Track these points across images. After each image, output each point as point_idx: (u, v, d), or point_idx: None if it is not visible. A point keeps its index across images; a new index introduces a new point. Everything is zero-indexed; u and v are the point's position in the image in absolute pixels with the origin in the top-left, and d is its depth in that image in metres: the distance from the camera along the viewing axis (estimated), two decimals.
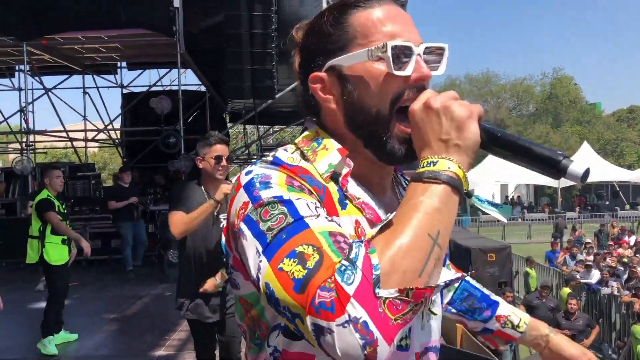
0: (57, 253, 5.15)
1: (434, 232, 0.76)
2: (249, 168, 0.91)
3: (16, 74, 13.77)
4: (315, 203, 0.84)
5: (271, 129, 16.05)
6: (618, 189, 36.98)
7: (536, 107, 46.73)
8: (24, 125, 10.17)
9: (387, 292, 0.70)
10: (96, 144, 16.04)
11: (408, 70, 0.89)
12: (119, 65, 14.25)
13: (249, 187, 0.85)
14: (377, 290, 0.70)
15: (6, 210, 10.36)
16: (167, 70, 13.31)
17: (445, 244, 0.78)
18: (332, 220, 0.82)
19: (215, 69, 10.74)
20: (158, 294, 7.55)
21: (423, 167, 0.82)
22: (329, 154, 0.93)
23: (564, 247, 16.45)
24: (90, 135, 14.61)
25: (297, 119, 12.48)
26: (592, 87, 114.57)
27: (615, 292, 11.21)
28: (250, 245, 0.80)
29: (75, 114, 14.58)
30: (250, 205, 0.83)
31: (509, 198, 37.05)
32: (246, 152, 13.89)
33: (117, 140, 15.02)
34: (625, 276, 12.26)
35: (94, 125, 14.72)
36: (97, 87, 14.18)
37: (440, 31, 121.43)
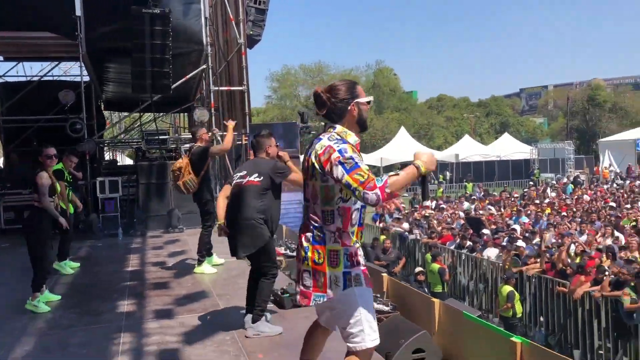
0: None
1: (405, 181, 2.60)
2: (335, 144, 2.65)
3: None
4: (359, 156, 2.67)
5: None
6: None
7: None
8: None
9: (388, 190, 2.53)
10: None
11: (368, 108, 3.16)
12: None
13: (341, 151, 2.60)
14: (386, 190, 2.55)
15: None
16: (56, 62, 14.68)
17: (405, 185, 2.63)
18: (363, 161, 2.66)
19: (100, 65, 12.73)
20: (90, 246, 9.75)
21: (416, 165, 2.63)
22: (353, 135, 2.76)
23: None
24: None
25: (173, 108, 14.83)
26: (410, 77, 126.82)
27: (418, 237, 15.40)
28: (340, 169, 2.59)
29: None
30: (340, 157, 2.59)
31: None
32: (134, 135, 15.93)
33: None
34: (426, 226, 16.58)
35: None
36: None
37: (277, 25, 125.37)
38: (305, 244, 2.80)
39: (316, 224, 2.77)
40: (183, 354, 4.38)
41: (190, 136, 8.98)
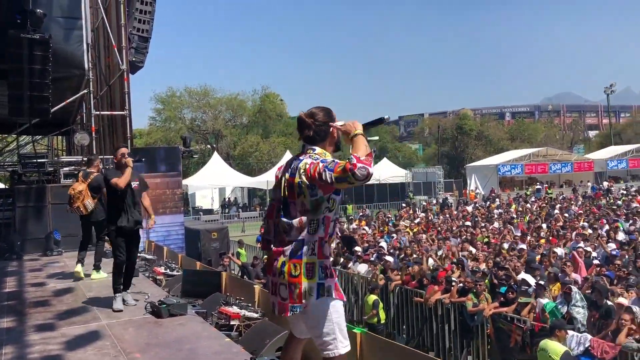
0: None
1: (364, 146, 2.79)
2: (317, 160, 2.88)
3: None
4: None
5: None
6: None
7: (249, 119, 52.74)
8: None
9: (362, 158, 2.68)
10: None
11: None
12: None
13: (324, 161, 2.84)
14: (362, 159, 2.67)
15: None
16: None
17: (367, 146, 2.82)
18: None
19: None
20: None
21: (355, 134, 2.86)
22: (330, 155, 2.97)
23: None
24: None
25: (51, 131, 14.72)
26: (296, 103, 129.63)
27: None
28: (328, 172, 2.76)
29: None
30: (324, 164, 2.80)
31: (226, 199, 42.06)
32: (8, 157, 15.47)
33: None
34: None
35: None
36: None
37: (164, 48, 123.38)
38: (282, 259, 2.93)
39: (298, 238, 2.91)
40: (64, 357, 4.82)
41: (84, 160, 9.72)
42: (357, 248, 15.20)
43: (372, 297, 11.33)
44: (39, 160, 12.21)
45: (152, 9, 14.01)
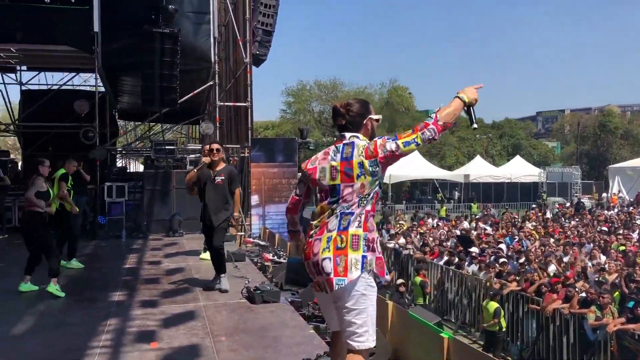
0: None
1: (453, 111, 2.90)
2: (367, 145, 2.93)
3: None
4: None
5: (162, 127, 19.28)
6: (438, 186, 43.94)
7: (375, 113, 52.60)
8: None
9: (440, 122, 2.83)
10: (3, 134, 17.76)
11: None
12: (19, 68, 16.47)
13: (380, 137, 2.94)
14: (439, 123, 2.84)
15: None
16: (73, 74, 15.69)
17: (456, 117, 2.90)
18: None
19: (115, 78, 13.66)
20: (94, 245, 10.55)
21: (458, 96, 2.94)
22: (367, 139, 3.02)
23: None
24: None
25: (183, 120, 15.72)
26: (425, 97, 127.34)
27: (411, 253, 15.99)
28: (391, 141, 2.86)
29: None
30: (383, 138, 2.90)
31: None
32: (139, 144, 16.93)
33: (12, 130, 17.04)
34: (421, 243, 17.16)
35: None
36: (5, 84, 16.31)
37: (295, 39, 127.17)
38: (327, 234, 2.93)
39: (345, 211, 2.94)
40: (157, 334, 5.09)
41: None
42: (473, 248, 14.56)
43: (494, 305, 10.68)
44: (168, 147, 13.06)
45: (276, 3, 14.41)
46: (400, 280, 12.20)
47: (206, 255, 8.56)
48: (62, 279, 7.36)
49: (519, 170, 42.04)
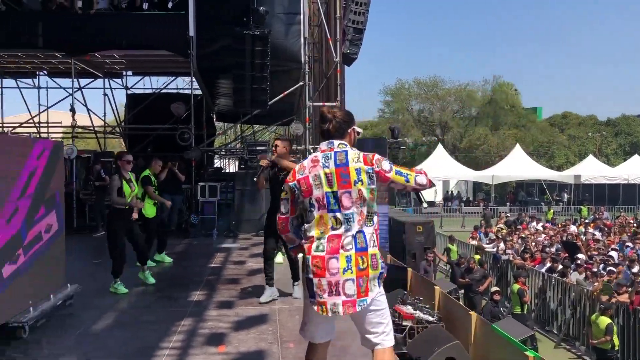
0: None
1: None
2: (364, 154, 3.00)
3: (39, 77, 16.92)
4: None
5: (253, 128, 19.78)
6: (546, 187, 41.57)
7: (478, 110, 50.75)
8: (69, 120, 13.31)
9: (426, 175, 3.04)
10: (109, 136, 19.03)
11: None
12: (125, 73, 17.52)
13: (377, 153, 3.07)
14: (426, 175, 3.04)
15: None
16: (173, 78, 16.45)
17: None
18: None
19: (211, 80, 14.04)
20: (186, 243, 10.90)
21: None
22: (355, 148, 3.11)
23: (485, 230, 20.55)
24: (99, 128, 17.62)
25: (276, 120, 15.91)
26: (533, 94, 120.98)
27: (511, 258, 15.12)
28: (387, 162, 2.97)
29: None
30: (380, 156, 3.01)
31: (449, 193, 41.21)
32: (236, 145, 17.46)
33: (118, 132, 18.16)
34: (522, 248, 16.20)
35: (101, 119, 17.77)
36: (111, 89, 17.49)
37: (392, 37, 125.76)
38: (343, 253, 2.89)
39: (360, 229, 2.92)
40: (227, 337, 5.04)
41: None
42: (580, 255, 13.47)
43: (605, 320, 9.63)
44: (259, 148, 13.22)
45: (367, 1, 14.17)
46: (495, 288, 11.52)
47: (279, 258, 8.40)
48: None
49: (638, 170, 38.76)
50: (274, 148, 6.39)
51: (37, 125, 16.74)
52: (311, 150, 12.48)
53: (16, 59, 14.51)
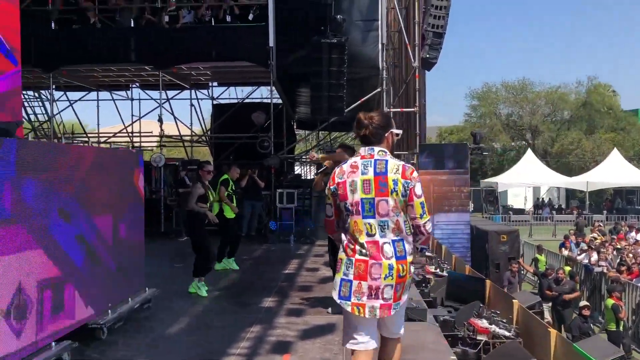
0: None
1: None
2: (407, 164, 3.13)
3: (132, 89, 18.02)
4: None
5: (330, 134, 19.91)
6: None
7: (571, 114, 48.22)
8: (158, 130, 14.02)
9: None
10: (195, 144, 19.88)
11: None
12: (210, 84, 18.24)
13: (417, 172, 3.16)
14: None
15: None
16: (255, 88, 16.90)
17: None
18: None
19: (291, 89, 14.26)
20: (264, 249, 11.11)
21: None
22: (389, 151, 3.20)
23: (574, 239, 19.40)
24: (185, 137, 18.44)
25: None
26: (634, 95, 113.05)
27: (605, 270, 14.16)
28: (419, 188, 3.06)
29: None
30: (419, 178, 3.09)
31: (540, 200, 39.38)
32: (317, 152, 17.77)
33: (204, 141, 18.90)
34: (618, 260, 15.14)
35: (189, 128, 18.56)
36: (198, 99, 18.33)
37: (478, 38, 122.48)
38: (385, 262, 3.00)
39: (396, 238, 3.04)
40: (293, 345, 5.05)
41: None
42: None
43: None
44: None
45: (447, 4, 13.84)
46: (584, 303, 10.84)
47: None
48: (224, 281, 7.83)
49: None
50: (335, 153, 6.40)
51: (130, 134, 17.71)
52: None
53: (110, 73, 15.41)
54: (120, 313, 5.53)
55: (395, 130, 3.24)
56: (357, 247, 3.04)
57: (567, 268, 13.92)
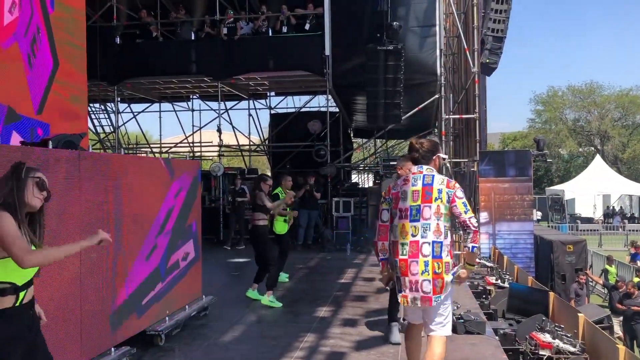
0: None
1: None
2: (448, 179, 3.80)
3: (192, 100, 18.58)
4: None
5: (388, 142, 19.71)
6: None
7: None
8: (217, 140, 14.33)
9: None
10: (254, 154, 20.19)
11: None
12: (268, 94, 18.46)
13: (457, 185, 3.80)
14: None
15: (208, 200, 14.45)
16: (312, 97, 16.95)
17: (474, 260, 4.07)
18: None
19: (347, 98, 14.21)
20: (320, 258, 11.08)
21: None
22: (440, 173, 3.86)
23: None
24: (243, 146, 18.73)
25: (413, 134, 15.65)
26: None
27: None
28: (460, 192, 3.71)
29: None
30: (459, 188, 3.74)
31: (610, 208, 37.63)
32: (374, 160, 17.63)
33: (262, 150, 19.13)
34: None
35: (247, 138, 18.84)
36: (256, 109, 18.61)
37: (541, 40, 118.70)
38: (422, 259, 3.60)
39: (436, 240, 3.61)
40: (346, 356, 4.98)
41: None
42: None
43: None
44: (393, 163, 13.09)
45: (507, 8, 13.47)
46: None
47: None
48: (279, 290, 7.81)
49: None
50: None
51: (190, 144, 18.14)
52: (447, 165, 12.09)
53: (171, 84, 15.87)
54: (178, 320, 5.62)
55: (442, 155, 3.91)
56: (400, 249, 3.65)
57: (637, 279, 13.20)
